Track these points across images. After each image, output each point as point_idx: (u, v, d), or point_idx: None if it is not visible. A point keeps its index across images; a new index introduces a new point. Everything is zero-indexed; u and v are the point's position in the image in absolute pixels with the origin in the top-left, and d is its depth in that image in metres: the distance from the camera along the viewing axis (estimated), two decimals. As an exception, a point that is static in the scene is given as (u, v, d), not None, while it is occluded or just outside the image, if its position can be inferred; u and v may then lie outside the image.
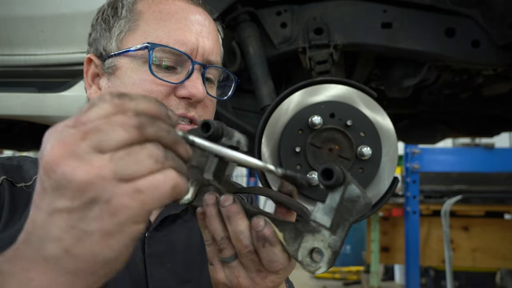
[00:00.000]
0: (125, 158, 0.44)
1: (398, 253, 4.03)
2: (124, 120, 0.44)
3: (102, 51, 0.89)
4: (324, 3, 1.73)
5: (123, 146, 0.44)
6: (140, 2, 0.89)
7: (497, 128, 2.90)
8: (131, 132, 0.44)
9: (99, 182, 0.43)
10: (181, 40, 0.85)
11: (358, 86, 1.45)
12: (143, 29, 0.86)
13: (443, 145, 6.13)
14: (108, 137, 0.43)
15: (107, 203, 0.43)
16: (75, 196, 0.43)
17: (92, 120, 0.44)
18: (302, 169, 1.40)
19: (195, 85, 0.84)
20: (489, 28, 1.66)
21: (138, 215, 0.44)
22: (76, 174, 0.42)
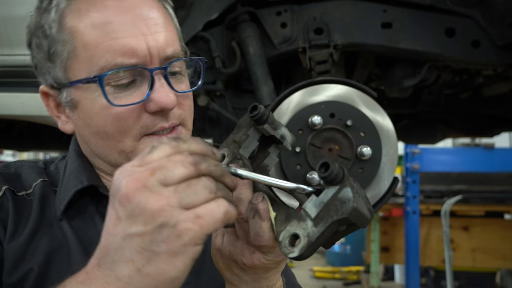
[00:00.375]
0: (186, 189, 0.52)
1: (398, 253, 4.03)
2: (183, 159, 0.53)
3: (52, 82, 0.80)
4: (324, 3, 1.73)
5: (183, 180, 0.52)
6: (67, 17, 0.77)
7: (497, 128, 2.90)
8: (189, 168, 0.53)
9: (167, 210, 0.51)
10: (129, 51, 0.74)
11: (358, 86, 1.45)
12: (84, 53, 0.76)
13: (443, 145, 6.13)
14: (172, 173, 0.52)
15: (174, 227, 0.51)
16: (147, 222, 0.51)
17: (156, 160, 0.53)
18: (302, 169, 1.40)
19: (161, 95, 0.76)
20: (489, 28, 1.66)
21: (198, 238, 0.52)
22: (149, 203, 0.51)
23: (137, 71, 0.76)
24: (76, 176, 0.83)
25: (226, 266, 0.71)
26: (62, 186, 0.83)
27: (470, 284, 4.15)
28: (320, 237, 0.57)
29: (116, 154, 0.81)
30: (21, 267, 0.74)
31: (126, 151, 0.80)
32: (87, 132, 0.81)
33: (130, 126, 0.77)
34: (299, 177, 1.39)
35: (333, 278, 6.05)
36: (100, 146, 0.81)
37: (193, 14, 1.74)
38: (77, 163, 0.86)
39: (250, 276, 0.70)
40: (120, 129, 0.77)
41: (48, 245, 0.77)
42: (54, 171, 0.88)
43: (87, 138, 0.82)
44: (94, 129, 0.79)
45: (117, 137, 0.78)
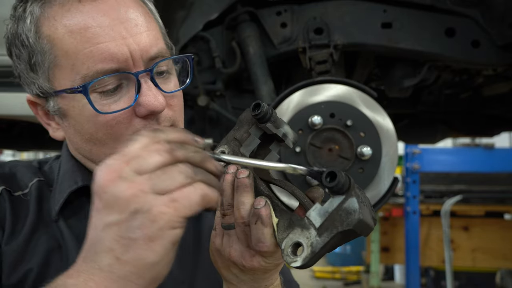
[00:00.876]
0: (161, 176, 0.53)
1: (398, 253, 4.03)
2: (158, 147, 0.54)
3: (38, 92, 0.78)
4: (324, 3, 1.73)
5: (158, 167, 0.53)
6: (43, 25, 0.74)
7: (497, 128, 2.90)
8: (164, 155, 0.54)
9: (140, 196, 0.52)
10: (109, 56, 0.72)
11: (358, 86, 1.45)
12: (65, 61, 0.73)
13: (443, 145, 6.13)
14: (146, 161, 0.53)
15: (148, 212, 0.52)
16: (122, 210, 0.52)
17: (132, 151, 0.55)
18: (302, 169, 1.40)
19: (150, 98, 0.73)
20: (489, 28, 1.66)
21: (173, 221, 0.53)
22: (122, 191, 0.52)
23: (122, 75, 0.73)
24: (70, 176, 0.83)
25: (225, 266, 0.70)
26: (57, 186, 0.83)
27: (470, 284, 4.15)
28: (324, 247, 0.57)
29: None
30: (20, 268, 0.74)
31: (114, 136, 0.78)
32: (78, 139, 0.80)
33: (122, 132, 0.76)
34: (299, 177, 1.39)
35: (333, 278, 6.05)
36: (94, 152, 0.80)
37: (193, 14, 1.74)
38: (71, 163, 0.86)
39: (249, 277, 0.69)
40: (112, 136, 0.76)
41: (46, 244, 0.77)
42: (49, 171, 0.88)
43: (79, 145, 0.81)
44: (86, 136, 0.78)
45: (110, 143, 0.77)
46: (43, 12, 0.74)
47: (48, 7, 0.74)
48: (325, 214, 0.58)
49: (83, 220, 0.81)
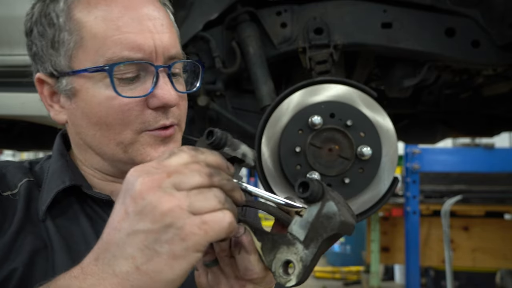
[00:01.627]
0: (198, 195, 0.54)
1: (398, 253, 4.03)
2: (199, 168, 0.56)
3: (52, 70, 0.80)
4: (324, 3, 1.73)
5: (196, 187, 0.54)
6: (76, 8, 0.79)
7: (497, 128, 2.90)
8: (204, 177, 0.55)
9: (177, 211, 0.52)
10: (137, 47, 0.77)
11: (358, 86, 1.45)
12: (91, 43, 0.77)
13: (443, 145, 6.13)
14: (187, 179, 0.54)
15: (180, 229, 0.52)
16: (155, 220, 0.52)
17: (174, 165, 0.56)
18: (302, 169, 1.40)
19: (165, 92, 0.78)
20: (489, 28, 1.66)
21: (200, 244, 0.53)
22: (161, 202, 0.52)
23: (142, 66, 0.78)
24: (58, 176, 0.83)
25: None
26: (45, 186, 0.83)
27: (470, 284, 4.15)
28: (314, 259, 0.56)
29: (114, 146, 0.81)
30: (5, 267, 0.74)
31: (125, 143, 0.81)
32: (84, 122, 0.81)
33: (132, 119, 0.79)
34: (299, 177, 1.39)
35: (333, 278, 6.05)
36: (97, 137, 0.81)
37: (193, 14, 1.73)
38: (60, 163, 0.86)
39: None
40: (122, 121, 0.78)
41: (32, 244, 0.77)
42: (39, 171, 0.88)
43: (83, 128, 0.82)
44: (94, 120, 0.79)
45: (117, 129, 0.79)
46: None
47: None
48: (307, 225, 0.57)
49: (72, 221, 0.82)
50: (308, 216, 0.57)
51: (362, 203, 1.42)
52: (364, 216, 1.44)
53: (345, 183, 1.37)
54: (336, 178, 1.39)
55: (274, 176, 1.43)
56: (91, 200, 0.85)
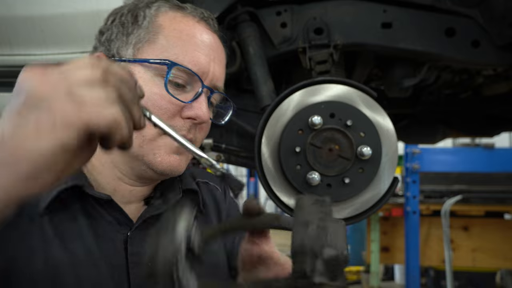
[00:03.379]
0: (83, 85, 0.52)
1: (398, 253, 4.03)
2: (95, 64, 0.55)
3: (115, 53, 0.91)
4: (324, 3, 1.73)
5: (86, 80, 0.52)
6: (161, 16, 0.92)
7: (497, 128, 2.90)
8: (97, 72, 0.53)
9: (55, 89, 0.51)
10: (196, 62, 0.89)
11: (358, 86, 1.45)
12: (161, 43, 0.89)
13: (443, 145, 6.13)
14: (76, 70, 0.53)
15: (50, 102, 0.50)
16: (30, 95, 0.52)
17: (72, 63, 0.55)
18: (302, 169, 1.40)
19: (201, 107, 0.89)
20: (489, 28, 1.66)
21: (71, 121, 0.49)
22: (41, 83, 0.52)
23: (192, 79, 0.90)
24: None
25: None
26: None
27: (470, 284, 4.15)
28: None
29: (134, 136, 0.84)
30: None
31: (146, 138, 0.87)
32: None
33: (163, 119, 0.82)
34: (299, 177, 1.39)
35: (333, 278, 6.04)
36: None
37: (193, 14, 1.74)
38: None
39: None
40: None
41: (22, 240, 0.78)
42: None
43: None
44: None
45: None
46: (167, 11, 0.93)
47: (173, 11, 0.94)
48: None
49: (70, 218, 0.84)
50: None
51: (362, 203, 1.42)
52: (364, 216, 1.43)
53: (345, 183, 1.37)
54: (336, 178, 1.39)
55: (274, 176, 1.43)
56: (92, 199, 0.87)
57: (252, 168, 1.87)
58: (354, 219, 1.43)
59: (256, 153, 1.42)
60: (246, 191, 13.53)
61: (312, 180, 1.36)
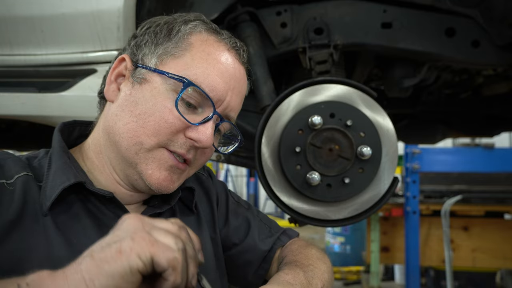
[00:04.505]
0: (161, 231, 0.64)
1: (398, 253, 4.03)
2: (175, 223, 0.68)
3: (139, 58, 0.92)
4: (324, 3, 1.73)
5: (165, 230, 0.65)
6: (194, 36, 0.93)
7: (497, 128, 2.90)
8: (174, 227, 0.66)
9: (138, 228, 0.63)
10: (214, 87, 0.89)
11: (358, 86, 1.45)
12: (186, 60, 0.89)
13: (443, 145, 6.13)
14: (160, 223, 0.66)
15: (133, 234, 0.62)
16: (119, 229, 0.65)
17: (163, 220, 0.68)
18: (302, 169, 1.40)
19: (206, 133, 0.88)
20: (489, 28, 1.66)
21: (143, 251, 0.60)
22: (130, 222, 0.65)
23: (206, 103, 0.90)
24: (63, 173, 0.85)
25: None
26: (48, 182, 0.84)
27: (470, 284, 4.14)
28: None
29: (131, 143, 0.87)
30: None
31: (144, 146, 0.87)
32: (128, 108, 0.88)
33: (166, 133, 0.87)
34: (299, 177, 1.39)
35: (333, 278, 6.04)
36: (128, 127, 0.87)
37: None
38: (63, 160, 0.88)
39: None
40: (158, 128, 0.86)
41: (25, 240, 0.78)
42: (38, 167, 0.89)
43: (123, 113, 0.88)
44: (137, 111, 0.87)
45: (149, 131, 0.86)
46: (202, 32, 0.94)
47: (208, 34, 0.95)
48: None
49: (73, 217, 0.85)
50: None
51: (362, 203, 1.42)
52: (364, 216, 1.43)
53: (345, 183, 1.37)
54: (336, 178, 1.39)
55: (274, 176, 1.43)
56: (94, 197, 0.87)
57: (252, 168, 1.87)
58: (354, 219, 1.43)
59: (256, 153, 1.43)
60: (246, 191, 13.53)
61: (312, 180, 1.36)
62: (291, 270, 0.92)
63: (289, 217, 1.48)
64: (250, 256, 1.12)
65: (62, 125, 0.97)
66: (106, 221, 0.87)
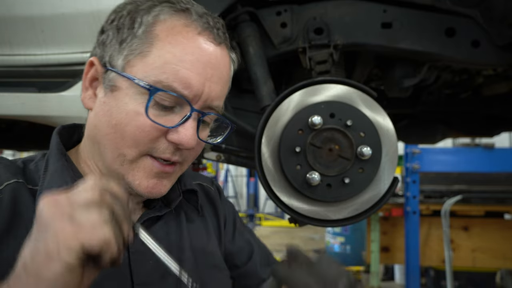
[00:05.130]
0: (83, 208, 0.61)
1: (398, 253, 4.03)
2: (94, 188, 0.63)
3: (107, 61, 0.85)
4: (324, 3, 1.73)
5: (86, 202, 0.61)
6: (159, 25, 0.83)
7: (497, 128, 2.90)
8: (95, 194, 0.62)
9: (57, 216, 0.59)
10: (187, 84, 0.81)
11: (358, 86, 1.45)
12: (153, 60, 0.81)
13: (443, 145, 6.13)
14: (79, 194, 0.62)
15: (55, 230, 0.58)
16: (40, 224, 0.60)
17: (80, 187, 0.64)
18: (302, 169, 1.40)
19: (187, 134, 0.83)
20: (489, 28, 1.66)
21: (71, 247, 0.57)
22: (48, 209, 0.60)
23: (181, 101, 0.82)
24: (60, 176, 0.84)
25: None
26: (44, 185, 0.83)
27: (470, 284, 4.14)
28: None
29: (115, 154, 0.83)
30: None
31: (126, 158, 0.83)
32: (105, 119, 0.83)
33: (145, 141, 0.82)
34: (299, 177, 1.39)
35: (333, 278, 6.04)
36: (108, 139, 0.83)
37: (193, 14, 1.73)
38: (61, 163, 0.86)
39: None
40: (136, 138, 0.82)
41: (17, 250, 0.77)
42: (34, 169, 0.88)
43: (101, 124, 0.84)
44: (113, 122, 0.82)
45: (128, 142, 0.82)
46: (167, 19, 0.84)
47: (175, 19, 0.84)
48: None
49: None
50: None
51: (362, 203, 1.42)
52: (364, 216, 1.43)
53: (345, 183, 1.37)
54: (336, 178, 1.39)
55: (274, 176, 1.43)
56: None
57: (252, 168, 1.87)
58: (354, 219, 1.43)
59: (256, 153, 1.42)
60: (245, 191, 13.52)
61: (312, 180, 1.36)
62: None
63: (289, 217, 1.48)
64: (249, 282, 1.11)
65: (61, 127, 0.95)
66: None
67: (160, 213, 0.95)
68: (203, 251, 1.00)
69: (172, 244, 0.95)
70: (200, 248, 1.00)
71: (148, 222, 0.93)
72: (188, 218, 1.02)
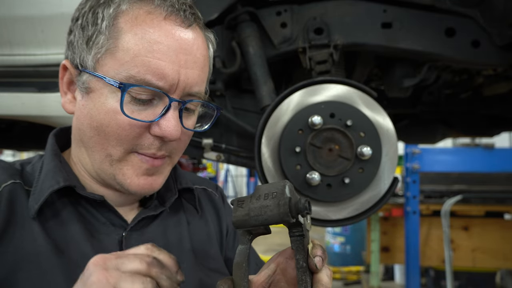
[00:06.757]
0: (128, 277, 0.59)
1: (398, 253, 4.03)
2: (144, 257, 0.62)
3: (78, 62, 0.83)
4: (324, 3, 1.73)
5: (133, 271, 0.60)
6: (121, 17, 0.79)
7: (497, 128, 2.90)
8: (143, 265, 0.61)
9: (102, 282, 0.59)
10: (161, 74, 0.77)
11: (358, 86, 1.45)
12: (121, 55, 0.78)
13: (443, 145, 6.13)
14: (127, 262, 0.61)
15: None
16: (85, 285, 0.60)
17: (127, 252, 0.63)
18: (302, 169, 1.40)
19: (169, 125, 0.80)
20: (489, 28, 1.66)
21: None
22: (95, 273, 0.59)
23: (159, 94, 0.79)
24: (52, 176, 0.83)
25: None
26: (38, 185, 0.83)
27: (470, 284, 4.14)
28: None
29: (103, 155, 0.83)
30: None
31: (113, 157, 0.82)
32: (87, 122, 0.82)
33: (129, 139, 0.80)
34: (299, 177, 1.39)
35: (333, 278, 6.03)
36: (93, 141, 0.82)
37: (193, 14, 1.73)
38: (54, 163, 0.86)
39: None
40: (119, 136, 0.80)
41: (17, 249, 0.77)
42: (31, 171, 0.88)
43: (84, 127, 0.83)
44: (95, 124, 0.81)
45: (112, 142, 0.80)
46: (129, 9, 0.80)
47: (137, 8, 0.80)
48: None
49: (63, 222, 0.82)
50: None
51: (362, 203, 1.42)
52: (364, 216, 1.43)
53: (345, 183, 1.37)
54: (336, 178, 1.39)
55: (274, 176, 1.43)
56: (84, 201, 0.85)
57: (252, 168, 1.87)
58: (354, 219, 1.43)
59: (256, 153, 1.43)
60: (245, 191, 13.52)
61: (312, 180, 1.36)
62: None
63: (289, 217, 1.48)
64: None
65: (58, 129, 0.95)
66: (97, 226, 0.85)
67: (155, 212, 0.94)
68: (204, 253, 0.99)
69: (171, 244, 0.93)
70: (202, 250, 0.99)
71: (144, 222, 0.92)
72: (188, 219, 1.01)
